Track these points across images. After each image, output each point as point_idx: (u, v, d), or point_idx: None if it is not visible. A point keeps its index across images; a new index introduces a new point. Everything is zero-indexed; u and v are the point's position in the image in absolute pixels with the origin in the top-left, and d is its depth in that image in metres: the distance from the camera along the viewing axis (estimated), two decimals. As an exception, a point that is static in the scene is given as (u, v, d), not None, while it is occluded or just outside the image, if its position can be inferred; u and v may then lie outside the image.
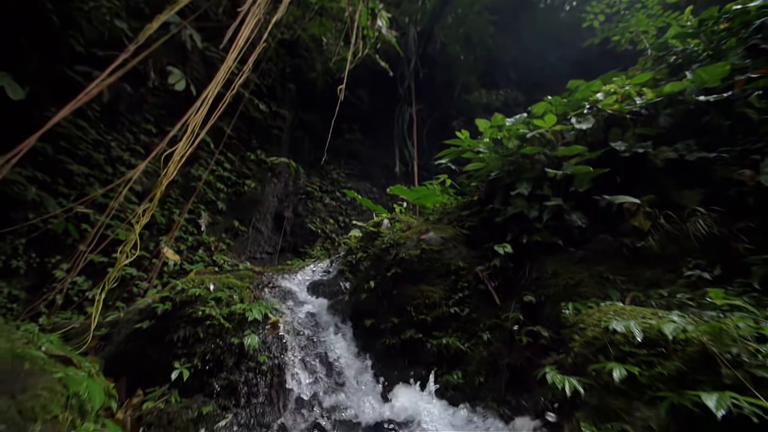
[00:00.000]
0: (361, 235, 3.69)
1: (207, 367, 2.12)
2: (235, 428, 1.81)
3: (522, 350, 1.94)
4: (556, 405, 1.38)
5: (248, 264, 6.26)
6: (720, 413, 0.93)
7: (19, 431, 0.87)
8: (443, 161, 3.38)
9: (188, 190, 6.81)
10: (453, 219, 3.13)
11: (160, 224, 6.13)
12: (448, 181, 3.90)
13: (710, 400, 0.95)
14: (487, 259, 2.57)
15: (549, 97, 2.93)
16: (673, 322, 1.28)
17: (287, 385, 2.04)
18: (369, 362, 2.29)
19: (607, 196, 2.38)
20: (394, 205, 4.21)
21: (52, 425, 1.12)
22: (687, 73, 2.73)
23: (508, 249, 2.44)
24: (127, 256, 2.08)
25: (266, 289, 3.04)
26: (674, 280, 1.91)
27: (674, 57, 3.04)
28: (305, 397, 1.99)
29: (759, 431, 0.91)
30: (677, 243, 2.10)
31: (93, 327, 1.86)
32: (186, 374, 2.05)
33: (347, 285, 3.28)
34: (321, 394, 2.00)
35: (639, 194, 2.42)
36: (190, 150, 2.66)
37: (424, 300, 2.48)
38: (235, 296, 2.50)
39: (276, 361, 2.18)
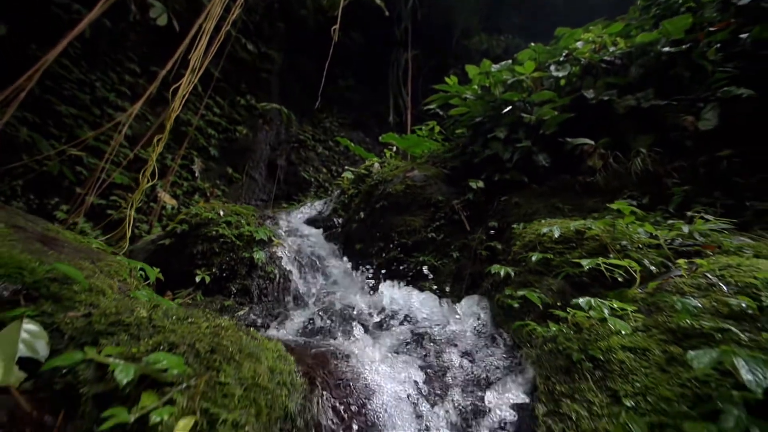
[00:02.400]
0: (353, 177, 4.08)
1: (224, 275, 2.64)
2: (251, 316, 2.37)
3: (482, 262, 2.48)
4: (494, 286, 1.92)
5: (245, 209, 6.70)
6: (587, 268, 1.45)
7: (104, 282, 1.33)
8: (432, 106, 3.67)
9: (179, 135, 6.95)
10: (438, 161, 3.52)
11: (155, 168, 6.39)
12: (437, 128, 4.21)
13: (584, 262, 1.47)
14: (463, 194, 3.03)
15: (533, 44, 3.16)
16: (582, 222, 1.77)
17: (291, 288, 2.59)
18: (358, 274, 2.85)
19: (569, 139, 2.78)
20: (385, 150, 4.56)
21: (123, 284, 1.60)
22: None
23: (481, 185, 2.89)
24: (148, 180, 2.46)
25: (268, 221, 3.50)
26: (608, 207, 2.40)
27: (656, 8, 3.23)
28: (306, 296, 2.56)
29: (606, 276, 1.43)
30: (620, 179, 2.57)
31: (128, 236, 2.31)
32: (207, 279, 2.57)
33: (340, 220, 3.76)
34: (319, 293, 2.57)
35: (602, 138, 2.82)
36: (191, 87, 2.90)
37: (406, 227, 2.98)
38: (242, 221, 2.95)
39: (281, 271, 2.71)
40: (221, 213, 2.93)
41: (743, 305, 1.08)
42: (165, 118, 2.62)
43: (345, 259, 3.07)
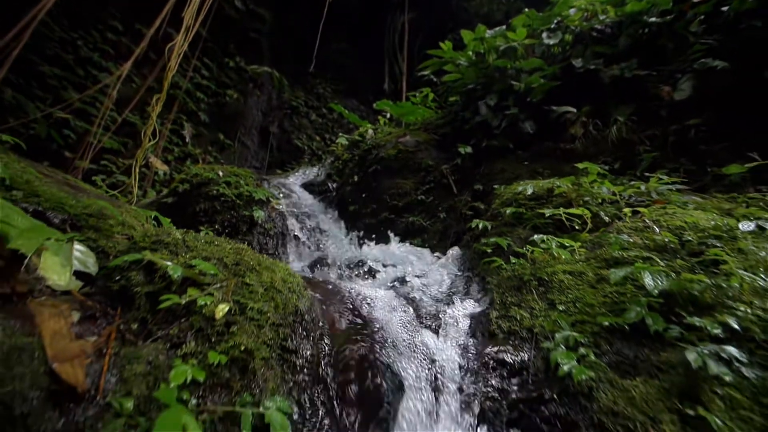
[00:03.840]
0: (347, 143, 4.25)
1: (226, 231, 2.89)
2: (254, 267, 2.64)
3: (466, 221, 2.76)
4: (473, 238, 2.21)
5: (238, 176, 6.83)
6: (548, 215, 1.72)
7: (133, 219, 1.55)
8: (425, 72, 3.79)
9: (168, 98, 6.88)
10: (430, 128, 3.71)
11: (146, 133, 6.41)
12: (431, 95, 4.34)
13: (547, 212, 1.74)
14: (452, 159, 3.25)
15: (527, 10, 3.25)
16: (551, 181, 2.04)
17: (289, 243, 2.86)
18: (352, 233, 3.13)
19: (554, 107, 2.98)
20: (379, 117, 4.69)
21: (144, 228, 1.83)
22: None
23: (469, 150, 3.11)
24: (149, 140, 2.62)
25: (265, 184, 3.70)
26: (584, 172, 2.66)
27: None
28: (303, 251, 2.84)
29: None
30: (597, 146, 2.81)
31: (135, 191, 2.51)
32: (211, 234, 2.82)
33: (334, 185, 3.98)
34: (314, 248, 2.85)
35: (587, 106, 3.02)
36: (186, 45, 2.97)
37: (397, 190, 3.22)
38: (241, 182, 3.15)
39: (280, 229, 2.96)
40: (220, 174, 3.12)
41: (666, 240, 1.37)
42: (163, 79, 2.72)
43: (339, 219, 3.33)
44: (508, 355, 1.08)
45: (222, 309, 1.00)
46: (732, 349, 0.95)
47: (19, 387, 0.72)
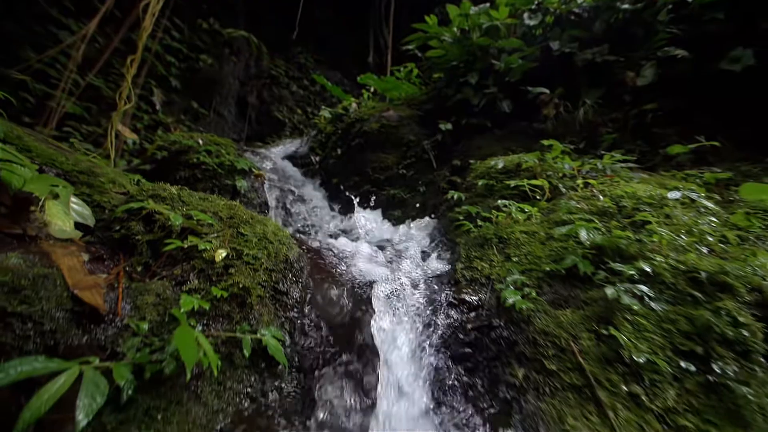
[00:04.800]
0: (330, 116, 4.29)
1: (208, 199, 2.95)
2: (237, 234, 2.75)
3: (443, 194, 2.96)
4: (449, 208, 2.41)
5: (215, 147, 6.69)
6: (513, 185, 1.94)
7: (122, 178, 1.63)
8: (410, 47, 3.85)
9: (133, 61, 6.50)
10: (413, 104, 3.82)
11: (109, 98, 6.10)
12: (415, 71, 4.41)
13: (512, 182, 1.96)
14: (433, 135, 3.41)
15: (511, -12, 3.35)
16: (520, 157, 2.25)
17: (272, 212, 2.97)
18: (335, 204, 3.27)
19: (530, 88, 3.17)
20: (363, 91, 4.73)
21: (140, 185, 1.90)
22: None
23: (449, 127, 3.27)
24: (125, 103, 2.59)
25: (247, 154, 3.73)
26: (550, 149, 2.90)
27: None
28: (287, 220, 2.96)
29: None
30: (566, 127, 3.05)
31: (113, 156, 2.51)
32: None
33: (317, 158, 4.06)
34: (298, 218, 2.98)
35: (561, 88, 3.22)
36: (161, 4, 2.87)
37: (380, 164, 3.36)
38: (222, 151, 3.18)
39: (263, 199, 3.05)
40: (200, 142, 3.13)
41: (606, 206, 1.62)
42: (136, 39, 2.65)
43: (323, 191, 3.45)
44: (468, 296, 1.30)
45: (221, 253, 1.15)
46: (644, 287, 1.21)
47: (46, 307, 0.85)
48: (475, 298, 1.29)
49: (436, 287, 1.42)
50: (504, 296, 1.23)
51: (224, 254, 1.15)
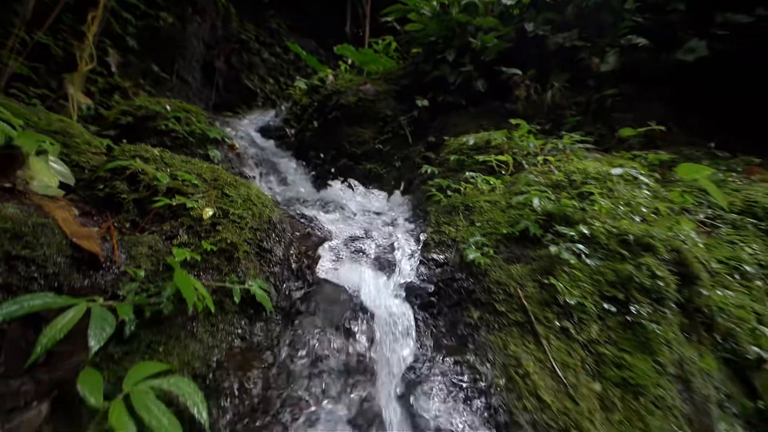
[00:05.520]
0: (306, 87, 4.27)
1: (179, 168, 2.93)
2: (212, 204, 2.79)
3: (418, 169, 3.14)
4: (422, 182, 2.59)
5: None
6: (481, 160, 2.15)
7: (96, 140, 1.64)
8: (389, 18, 3.87)
9: (84, 17, 5.98)
10: (391, 78, 3.89)
11: (57, 57, 5.61)
12: (393, 44, 4.44)
13: (480, 158, 2.17)
14: (410, 111, 3.53)
15: (490, -35, 3.44)
16: (489, 134, 2.46)
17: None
18: (311, 177, 3.36)
19: (504, 68, 3.35)
20: (340, 62, 4.71)
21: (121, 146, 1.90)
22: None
23: (426, 103, 3.41)
24: (86, 63, 2.48)
25: (217, 123, 3.68)
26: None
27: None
28: (263, 190, 3.02)
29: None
30: (535, 108, 3.29)
31: (74, 114, 2.42)
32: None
33: (292, 131, 4.07)
34: (274, 189, 3.05)
35: (532, 70, 3.43)
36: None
37: (357, 138, 3.46)
38: (192, 118, 3.13)
39: (237, 170, 3.08)
40: (168, 108, 3.06)
41: (559, 179, 1.86)
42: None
43: (298, 163, 3.51)
44: (436, 255, 1.51)
45: (208, 212, 1.25)
46: (582, 246, 1.46)
47: (48, 252, 0.94)
48: (441, 256, 1.50)
49: (408, 248, 1.62)
50: (466, 254, 1.44)
51: (211, 212, 1.25)
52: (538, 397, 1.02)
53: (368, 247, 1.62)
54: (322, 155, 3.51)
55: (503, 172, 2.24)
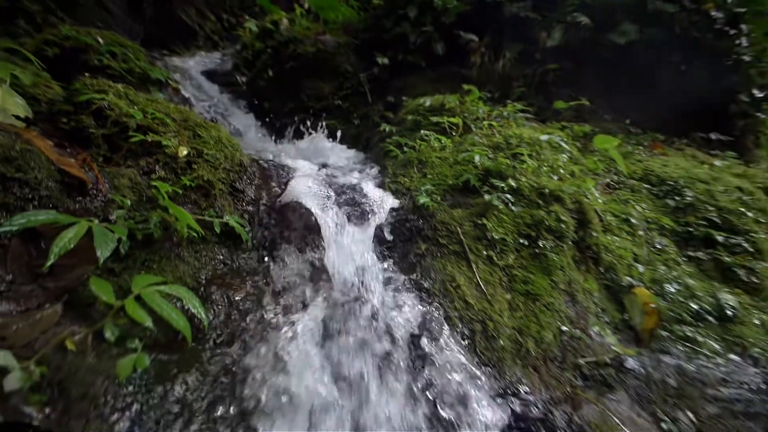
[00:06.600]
0: (257, 30, 4.11)
1: (118, 111, 2.81)
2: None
3: (376, 128, 3.36)
4: (381, 140, 2.84)
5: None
6: (435, 121, 2.45)
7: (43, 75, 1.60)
8: (351, -36, 3.82)
9: None
10: (350, 30, 3.93)
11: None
12: (354, -8, 4.39)
13: (434, 119, 2.47)
14: (370, 68, 3.66)
15: None
16: (444, 98, 2.76)
17: (200, 132, 3.00)
18: (267, 130, 3.40)
19: (462, 33, 3.60)
20: (294, 5, 4.55)
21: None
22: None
23: (386, 61, 3.56)
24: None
25: (158, 63, 3.46)
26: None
27: None
28: (216, 141, 3.04)
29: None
30: (487, 75, 3.64)
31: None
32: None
33: (244, 78, 3.97)
34: (230, 139, 3.08)
35: (487, 38, 3.73)
36: None
37: (315, 92, 3.54)
38: (130, 55, 2.94)
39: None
40: (100, 40, 2.84)
41: (498, 142, 2.25)
42: None
43: (252, 114, 3.51)
44: (393, 201, 1.82)
45: (183, 150, 1.39)
46: (509, 196, 1.87)
47: (39, 176, 1.05)
48: (397, 202, 1.81)
49: (368, 194, 1.90)
50: (418, 199, 1.77)
51: (186, 152, 1.38)
52: (466, 301, 1.42)
53: (332, 194, 1.87)
54: (278, 108, 3.54)
55: (454, 133, 2.57)
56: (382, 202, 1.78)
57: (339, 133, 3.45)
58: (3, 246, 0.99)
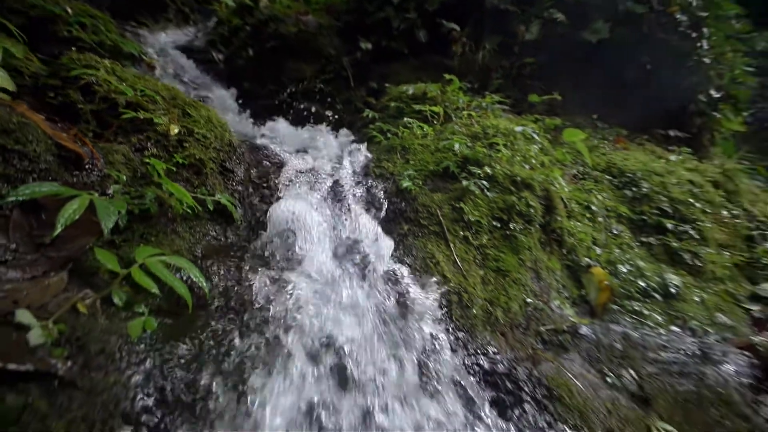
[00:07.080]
0: (234, 5, 4.03)
1: (89, 85, 2.73)
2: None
3: (359, 113, 3.45)
4: (364, 125, 2.94)
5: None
6: (417, 109, 2.59)
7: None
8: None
9: None
10: (333, 11, 3.94)
11: None
12: (337, -28, 4.37)
13: (416, 107, 2.60)
14: (352, 52, 3.71)
15: None
16: (426, 86, 2.89)
17: (178, 111, 2.97)
18: (248, 111, 3.40)
19: (445, 21, 3.72)
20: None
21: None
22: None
23: (369, 46, 3.63)
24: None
25: (128, 35, 3.35)
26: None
27: None
28: (195, 121, 3.02)
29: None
30: (468, 66, 3.80)
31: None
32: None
33: (221, 56, 3.90)
34: (209, 120, 3.07)
35: (468, 28, 3.87)
36: None
37: (297, 74, 3.56)
38: (101, 26, 2.85)
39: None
40: (69, 10, 2.72)
41: (476, 131, 2.42)
42: None
43: (231, 94, 3.48)
44: (377, 183, 1.95)
45: (174, 128, 1.45)
46: (484, 182, 2.05)
47: (37, 149, 1.10)
48: (381, 184, 1.95)
49: (353, 180, 2.02)
50: (401, 183, 1.91)
51: (177, 130, 1.44)
52: (444, 275, 1.59)
53: (318, 176, 1.98)
54: (259, 88, 3.53)
55: (435, 122, 2.72)
56: (367, 186, 1.91)
57: (321, 117, 3.52)
58: (5, 216, 1.04)
